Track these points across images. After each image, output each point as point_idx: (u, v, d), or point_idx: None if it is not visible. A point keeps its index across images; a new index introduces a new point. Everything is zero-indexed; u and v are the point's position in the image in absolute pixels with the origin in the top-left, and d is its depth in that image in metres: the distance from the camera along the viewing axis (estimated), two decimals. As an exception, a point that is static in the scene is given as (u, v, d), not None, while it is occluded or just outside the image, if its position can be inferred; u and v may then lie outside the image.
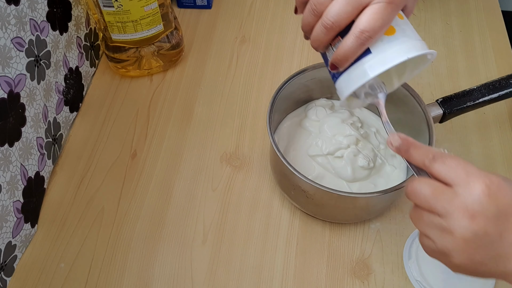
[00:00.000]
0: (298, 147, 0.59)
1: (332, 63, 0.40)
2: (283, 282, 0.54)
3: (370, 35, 0.37)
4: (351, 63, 0.40)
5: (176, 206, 0.60)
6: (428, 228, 0.36)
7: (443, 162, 0.36)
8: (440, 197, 0.35)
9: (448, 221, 0.34)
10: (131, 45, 0.67)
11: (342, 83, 0.42)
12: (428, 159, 0.36)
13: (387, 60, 0.38)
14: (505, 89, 0.56)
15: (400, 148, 0.39)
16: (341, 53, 0.39)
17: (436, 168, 0.36)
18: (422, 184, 0.36)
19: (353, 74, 0.40)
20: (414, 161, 0.38)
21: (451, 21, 0.80)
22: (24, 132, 0.53)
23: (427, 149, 0.37)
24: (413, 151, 0.38)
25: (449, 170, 0.35)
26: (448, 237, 0.34)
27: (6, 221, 0.51)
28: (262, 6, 0.83)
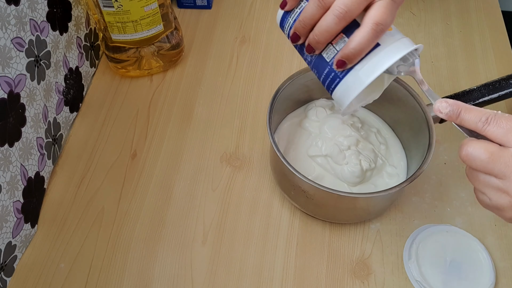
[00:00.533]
0: (298, 147, 0.59)
1: (340, 60, 0.39)
2: (283, 282, 0.54)
3: (383, 28, 0.38)
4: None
5: (176, 206, 0.60)
6: (484, 187, 0.37)
7: (497, 124, 0.36)
8: (497, 161, 0.35)
9: (506, 183, 0.35)
10: (131, 45, 0.67)
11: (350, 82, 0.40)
12: (481, 122, 0.37)
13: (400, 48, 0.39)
14: (505, 89, 0.56)
15: (450, 114, 0.38)
16: (355, 47, 0.38)
17: (490, 130, 0.36)
18: (477, 149, 0.36)
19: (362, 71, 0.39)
20: (467, 124, 0.38)
21: (451, 21, 0.80)
22: (24, 132, 0.53)
23: (480, 111, 0.37)
24: (465, 114, 0.38)
25: (505, 132, 0.35)
26: (504, 196, 0.36)
27: (6, 221, 0.51)
28: (262, 6, 0.83)
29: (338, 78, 0.41)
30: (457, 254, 0.54)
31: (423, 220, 0.58)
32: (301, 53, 0.44)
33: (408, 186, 0.50)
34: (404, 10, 0.82)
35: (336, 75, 0.41)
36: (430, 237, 0.56)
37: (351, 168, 0.55)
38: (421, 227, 0.57)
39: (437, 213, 0.59)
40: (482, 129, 0.37)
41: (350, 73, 0.40)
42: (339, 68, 0.40)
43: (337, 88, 0.41)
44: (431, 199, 0.60)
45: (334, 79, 0.41)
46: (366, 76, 0.39)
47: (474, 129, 0.37)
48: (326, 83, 0.42)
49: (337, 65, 0.40)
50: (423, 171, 0.50)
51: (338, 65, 0.39)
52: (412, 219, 0.58)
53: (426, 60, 0.75)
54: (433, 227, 0.56)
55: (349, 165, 0.55)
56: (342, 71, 0.40)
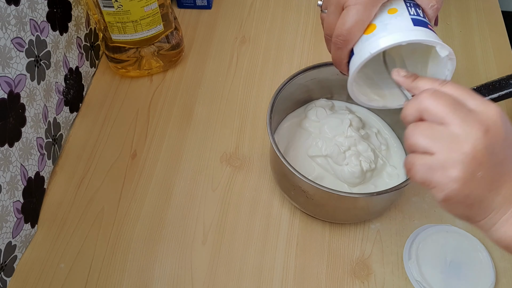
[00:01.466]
0: (298, 147, 0.59)
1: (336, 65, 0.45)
2: (283, 282, 0.54)
3: (343, 39, 0.40)
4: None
5: (176, 206, 0.60)
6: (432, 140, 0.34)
7: (455, 85, 0.36)
8: (458, 107, 0.34)
9: (462, 131, 0.33)
10: (131, 46, 0.67)
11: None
12: (439, 82, 0.36)
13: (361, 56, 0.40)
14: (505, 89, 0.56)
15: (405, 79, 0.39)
16: (332, 58, 0.44)
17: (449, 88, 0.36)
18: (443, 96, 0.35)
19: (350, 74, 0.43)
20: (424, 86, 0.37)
21: (451, 21, 0.80)
22: (24, 132, 0.53)
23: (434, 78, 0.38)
24: (420, 79, 0.38)
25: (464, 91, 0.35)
26: (456, 147, 0.33)
27: (6, 221, 0.51)
28: (262, 6, 0.83)
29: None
30: (457, 254, 0.54)
31: (423, 220, 0.58)
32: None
33: (408, 186, 0.50)
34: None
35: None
36: (430, 237, 0.56)
37: (351, 168, 0.55)
38: (421, 227, 0.57)
39: (437, 213, 0.59)
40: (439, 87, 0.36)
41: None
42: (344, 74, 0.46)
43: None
44: (431, 199, 0.60)
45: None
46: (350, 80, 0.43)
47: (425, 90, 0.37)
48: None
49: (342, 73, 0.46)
50: (423, 171, 0.50)
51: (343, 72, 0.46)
52: (412, 219, 0.58)
53: (426, 60, 0.75)
54: (433, 227, 0.56)
55: (349, 165, 0.55)
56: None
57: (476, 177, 0.33)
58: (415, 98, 0.36)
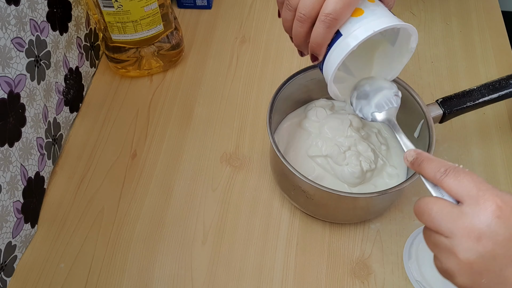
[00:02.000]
0: (298, 147, 0.59)
1: (311, 54, 0.43)
2: (283, 282, 0.54)
3: (335, 17, 0.39)
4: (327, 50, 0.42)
5: (176, 206, 0.60)
6: (435, 248, 0.35)
7: (455, 177, 0.34)
8: (445, 216, 0.33)
9: (453, 242, 0.33)
10: (131, 46, 0.67)
11: (324, 72, 0.44)
12: (440, 173, 0.35)
13: (357, 36, 0.40)
14: (505, 89, 0.56)
15: (414, 162, 0.38)
16: (313, 41, 0.41)
17: (447, 182, 0.34)
18: (428, 203, 0.35)
19: (330, 59, 0.42)
20: (427, 175, 0.37)
21: (451, 21, 0.80)
22: (24, 132, 0.53)
23: (440, 163, 0.36)
24: (426, 164, 0.37)
25: (460, 186, 0.34)
26: (452, 257, 0.33)
27: (6, 221, 0.51)
28: (262, 6, 0.83)
29: (321, 70, 0.45)
30: (457, 254, 0.54)
31: (423, 220, 0.58)
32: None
33: (408, 186, 0.50)
34: (404, 10, 0.82)
35: (319, 67, 0.45)
36: (430, 237, 0.55)
37: (351, 168, 0.55)
38: (421, 227, 0.57)
39: (437, 213, 0.59)
40: (440, 179, 0.35)
41: (324, 63, 0.43)
42: (314, 62, 0.44)
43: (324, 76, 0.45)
44: (431, 199, 0.60)
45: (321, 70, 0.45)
46: (331, 66, 0.42)
47: (433, 180, 0.36)
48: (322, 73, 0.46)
49: (311, 59, 0.44)
50: (423, 171, 0.50)
51: (312, 59, 0.43)
52: (412, 219, 0.58)
53: (426, 60, 0.75)
54: (433, 227, 0.56)
55: (349, 165, 0.55)
56: (320, 63, 0.44)
57: (482, 284, 0.32)
58: (416, 202, 0.36)
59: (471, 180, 0.34)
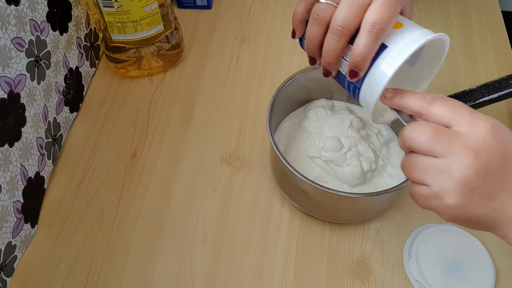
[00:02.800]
0: (298, 147, 0.59)
1: (351, 70, 0.38)
2: (283, 282, 0.54)
3: (382, 27, 0.36)
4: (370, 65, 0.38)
5: (176, 206, 0.60)
6: (423, 172, 0.34)
7: (444, 102, 0.35)
8: (441, 136, 0.34)
9: (448, 161, 0.33)
10: (131, 46, 0.67)
11: (366, 91, 0.39)
12: (427, 100, 0.35)
13: (407, 46, 0.37)
14: (505, 89, 0.56)
15: (393, 97, 0.38)
16: (358, 54, 0.37)
17: (436, 108, 0.35)
18: (421, 127, 0.34)
19: (375, 74, 0.38)
20: (411, 106, 0.36)
21: (451, 21, 0.80)
22: (24, 132, 0.53)
23: (423, 93, 0.36)
24: (409, 96, 0.37)
25: (452, 110, 0.34)
26: (446, 178, 0.33)
27: (6, 221, 0.51)
28: (262, 6, 0.83)
29: (357, 88, 0.40)
30: (457, 254, 0.54)
31: (423, 220, 0.58)
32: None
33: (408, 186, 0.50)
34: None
35: (354, 86, 0.40)
36: (430, 237, 0.56)
37: (352, 169, 0.55)
38: (421, 227, 0.57)
39: (437, 213, 0.59)
40: (427, 107, 0.35)
41: (365, 80, 0.39)
42: (352, 79, 0.39)
43: (360, 98, 0.41)
44: (431, 199, 0.60)
45: (354, 90, 0.41)
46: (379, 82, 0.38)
47: (419, 110, 0.36)
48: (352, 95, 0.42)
49: (350, 76, 0.39)
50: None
51: (351, 76, 0.39)
52: (412, 219, 0.58)
53: (426, 60, 0.75)
54: (433, 227, 0.56)
55: (350, 166, 0.55)
56: (358, 81, 0.39)
57: (473, 200, 0.33)
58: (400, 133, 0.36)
59: (461, 104, 0.35)
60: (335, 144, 0.56)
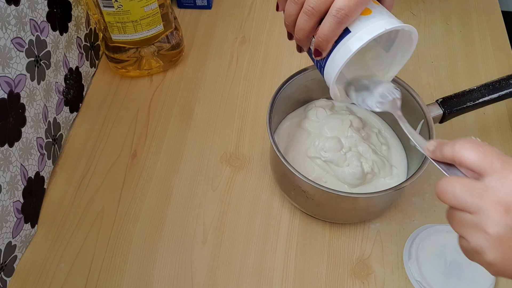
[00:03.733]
0: (298, 148, 0.59)
1: (315, 49, 0.42)
2: (283, 282, 0.54)
3: (347, 13, 0.38)
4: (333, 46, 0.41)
5: (176, 206, 0.60)
6: (461, 227, 0.34)
7: (476, 149, 0.33)
8: (470, 192, 0.33)
9: (480, 217, 0.32)
10: (131, 46, 0.67)
11: (328, 69, 0.42)
12: (458, 146, 0.34)
13: (367, 33, 0.39)
14: (505, 89, 0.56)
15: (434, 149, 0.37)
16: (321, 35, 0.40)
17: (467, 155, 0.34)
18: (451, 182, 0.34)
19: (336, 56, 0.41)
20: (445, 154, 0.36)
21: (451, 21, 0.80)
22: (24, 132, 0.53)
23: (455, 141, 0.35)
24: (443, 146, 0.36)
25: (482, 158, 0.33)
26: (480, 234, 0.32)
27: (6, 221, 0.51)
28: (262, 6, 0.83)
29: (322, 67, 0.43)
30: (457, 254, 0.54)
31: (423, 220, 0.58)
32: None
33: (408, 186, 0.50)
34: (404, 10, 0.82)
35: (320, 64, 0.43)
36: (430, 237, 0.56)
37: (352, 169, 0.55)
38: (421, 227, 0.57)
39: (437, 213, 0.59)
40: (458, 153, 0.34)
41: (328, 60, 0.42)
42: (316, 57, 0.42)
43: (324, 76, 0.44)
44: (431, 199, 0.60)
45: (320, 68, 0.44)
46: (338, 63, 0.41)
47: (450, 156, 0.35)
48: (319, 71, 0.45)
49: (314, 54, 0.42)
50: (423, 171, 0.50)
51: (315, 54, 0.42)
52: (412, 219, 0.58)
53: (426, 60, 0.75)
54: (433, 227, 0.56)
55: (350, 166, 0.55)
56: (322, 60, 0.43)
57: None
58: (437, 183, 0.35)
59: (492, 152, 0.33)
60: (335, 144, 0.56)
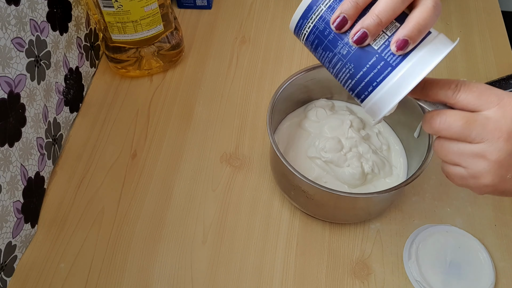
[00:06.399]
0: (298, 148, 0.59)
1: (403, 39, 0.35)
2: (283, 282, 0.54)
3: (440, 10, 0.37)
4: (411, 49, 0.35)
5: (176, 206, 0.60)
6: (459, 156, 0.36)
7: (470, 89, 0.35)
8: (473, 125, 0.35)
9: (484, 145, 0.35)
10: (131, 46, 0.67)
11: (409, 69, 0.35)
12: (451, 90, 0.36)
13: (446, 38, 0.37)
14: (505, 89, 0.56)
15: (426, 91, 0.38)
16: (419, 23, 0.34)
17: (462, 97, 0.36)
18: (453, 115, 0.36)
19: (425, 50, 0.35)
20: (435, 95, 0.37)
21: (451, 21, 0.80)
22: (24, 132, 0.53)
23: (447, 80, 0.36)
24: (431, 85, 0.37)
25: (479, 96, 0.35)
26: (481, 161, 0.35)
27: (6, 221, 0.51)
28: (262, 6, 0.83)
29: (390, 67, 0.36)
30: (457, 254, 0.54)
31: (423, 220, 0.58)
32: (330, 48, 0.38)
33: (408, 186, 0.50)
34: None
35: (386, 64, 0.36)
36: (430, 237, 0.56)
37: (353, 170, 0.55)
38: (421, 227, 0.57)
39: (437, 213, 0.59)
40: (453, 97, 0.36)
41: (406, 59, 0.35)
42: (399, 51, 0.35)
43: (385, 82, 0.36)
44: (431, 199, 0.60)
45: (382, 70, 0.36)
46: (427, 61, 0.35)
47: (444, 99, 0.37)
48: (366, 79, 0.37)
49: (398, 46, 0.35)
50: (423, 171, 0.50)
51: (400, 46, 0.35)
52: (412, 219, 0.58)
53: (426, 60, 0.75)
54: (433, 227, 0.56)
55: (350, 167, 0.55)
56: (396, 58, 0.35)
57: (507, 179, 0.36)
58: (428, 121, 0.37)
59: (486, 88, 0.35)
60: (335, 145, 0.56)
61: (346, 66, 0.38)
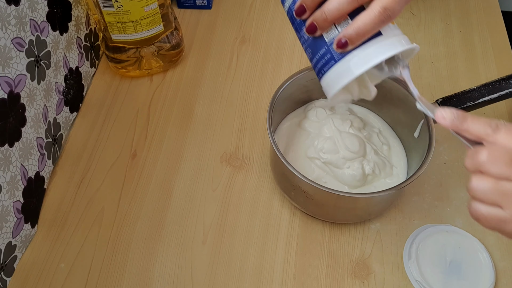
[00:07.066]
0: (298, 148, 0.59)
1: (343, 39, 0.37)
2: (283, 282, 0.54)
3: (390, 15, 0.37)
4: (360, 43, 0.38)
5: (176, 206, 0.60)
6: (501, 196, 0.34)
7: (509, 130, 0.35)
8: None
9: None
10: (131, 46, 0.67)
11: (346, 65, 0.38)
12: (491, 128, 0.35)
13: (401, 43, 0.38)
14: (505, 89, 0.56)
15: (455, 120, 0.37)
16: (359, 27, 0.37)
17: (501, 137, 0.35)
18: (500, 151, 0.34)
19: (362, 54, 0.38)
20: (474, 132, 0.36)
21: (451, 21, 0.80)
22: (24, 132, 0.53)
23: (486, 119, 0.36)
24: (471, 122, 0.36)
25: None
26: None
27: (6, 221, 0.51)
28: (262, 6, 0.83)
29: (333, 60, 0.39)
30: (457, 254, 0.54)
31: (423, 220, 0.58)
32: (298, 30, 0.43)
33: (408, 186, 0.50)
34: (404, 10, 0.82)
35: (331, 57, 0.39)
36: (430, 237, 0.56)
37: (353, 171, 0.55)
38: (421, 227, 0.57)
39: (437, 213, 0.59)
40: (492, 134, 0.35)
41: (347, 57, 0.38)
42: (339, 49, 0.38)
43: (329, 72, 0.40)
44: (431, 199, 0.60)
45: (328, 61, 0.40)
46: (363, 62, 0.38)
47: (482, 137, 0.36)
48: (318, 65, 0.41)
49: (338, 45, 0.38)
50: (423, 171, 0.50)
51: (339, 45, 0.38)
52: (412, 219, 0.58)
53: (426, 60, 0.75)
54: (433, 227, 0.56)
55: (350, 168, 0.55)
56: (339, 54, 0.39)
57: None
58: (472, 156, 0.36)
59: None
60: (333, 146, 0.56)
61: (307, 50, 0.42)
